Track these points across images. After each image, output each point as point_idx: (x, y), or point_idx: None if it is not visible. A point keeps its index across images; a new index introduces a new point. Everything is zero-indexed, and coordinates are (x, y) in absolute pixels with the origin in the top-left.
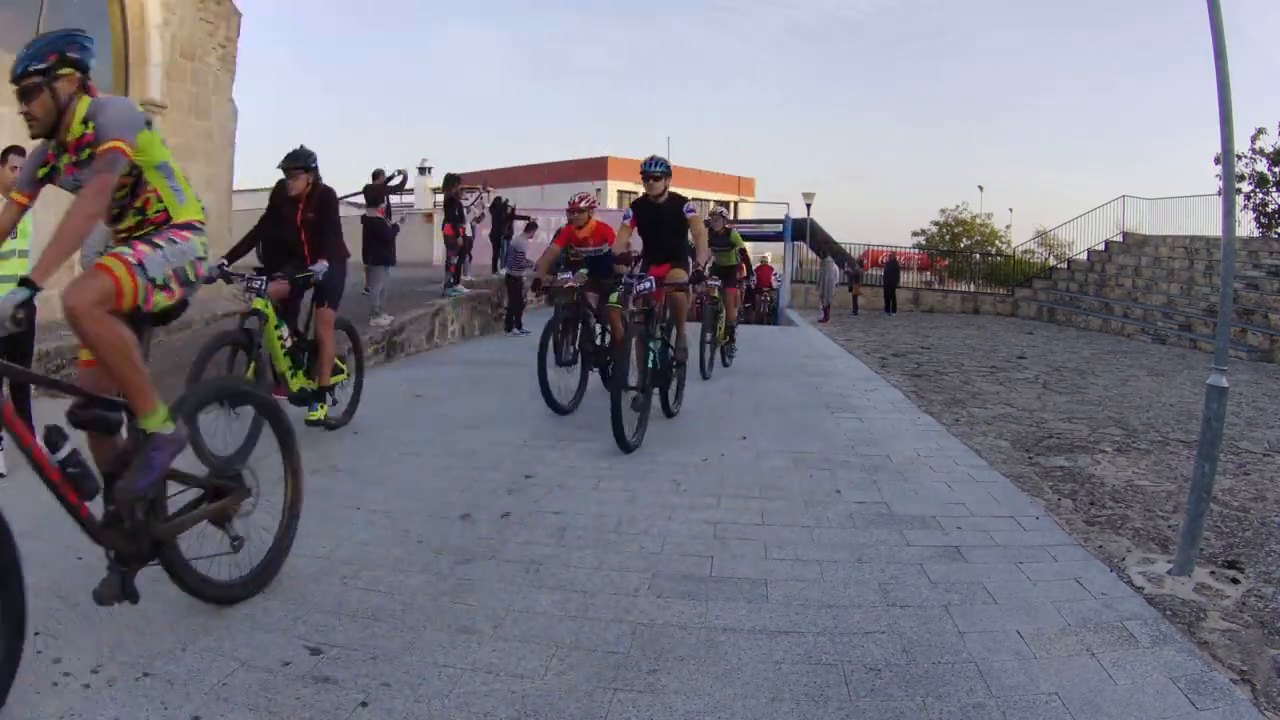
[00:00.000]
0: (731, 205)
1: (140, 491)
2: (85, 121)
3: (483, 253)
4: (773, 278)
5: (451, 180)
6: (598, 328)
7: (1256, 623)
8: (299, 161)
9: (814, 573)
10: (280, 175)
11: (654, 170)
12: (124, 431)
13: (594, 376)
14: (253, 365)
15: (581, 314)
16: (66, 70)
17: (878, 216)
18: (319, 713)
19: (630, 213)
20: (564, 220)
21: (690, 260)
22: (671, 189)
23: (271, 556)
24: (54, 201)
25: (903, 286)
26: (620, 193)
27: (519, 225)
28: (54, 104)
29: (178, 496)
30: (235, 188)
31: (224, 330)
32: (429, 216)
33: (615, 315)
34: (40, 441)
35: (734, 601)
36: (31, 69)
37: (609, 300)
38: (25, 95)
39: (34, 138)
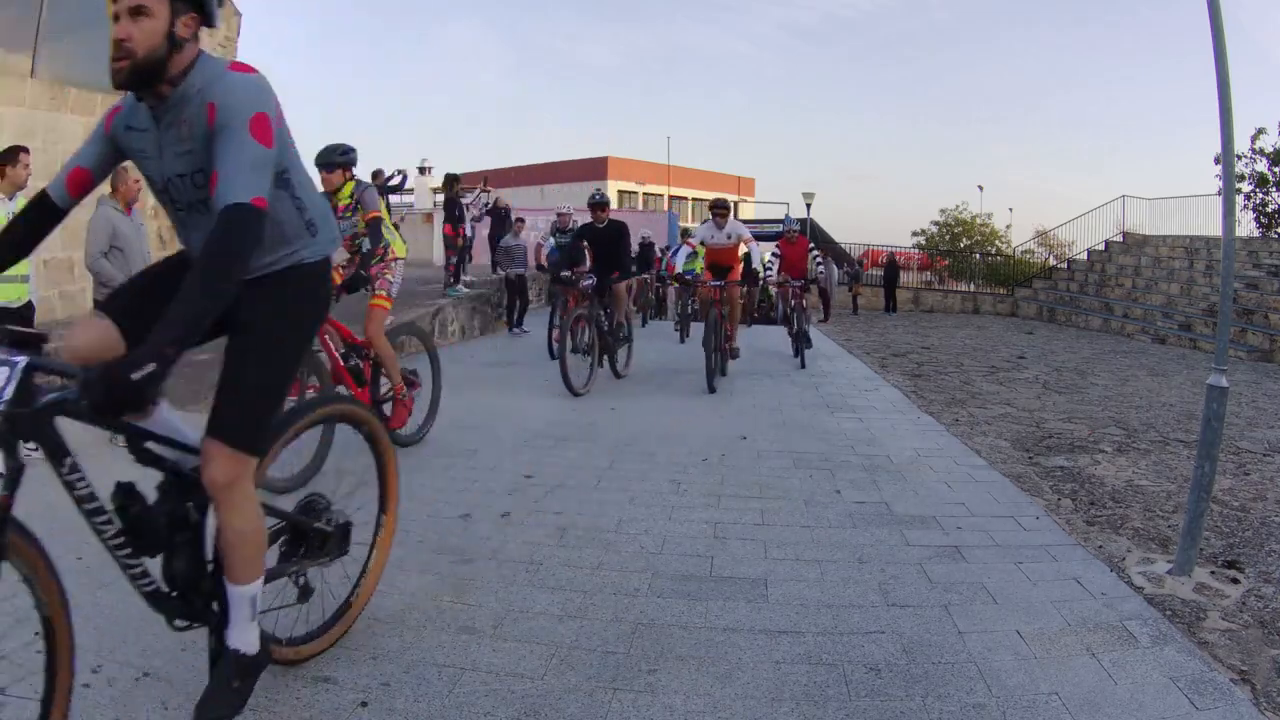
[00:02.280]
0: (732, 205)
1: None
2: None
3: (483, 253)
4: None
5: (451, 180)
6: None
7: (1256, 623)
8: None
9: (814, 573)
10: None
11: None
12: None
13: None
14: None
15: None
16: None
17: (878, 216)
18: (319, 713)
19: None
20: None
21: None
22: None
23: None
24: None
25: (903, 286)
26: (620, 193)
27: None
28: None
29: None
30: None
31: None
32: (429, 217)
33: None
34: None
35: (734, 601)
36: None
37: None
38: None
39: None
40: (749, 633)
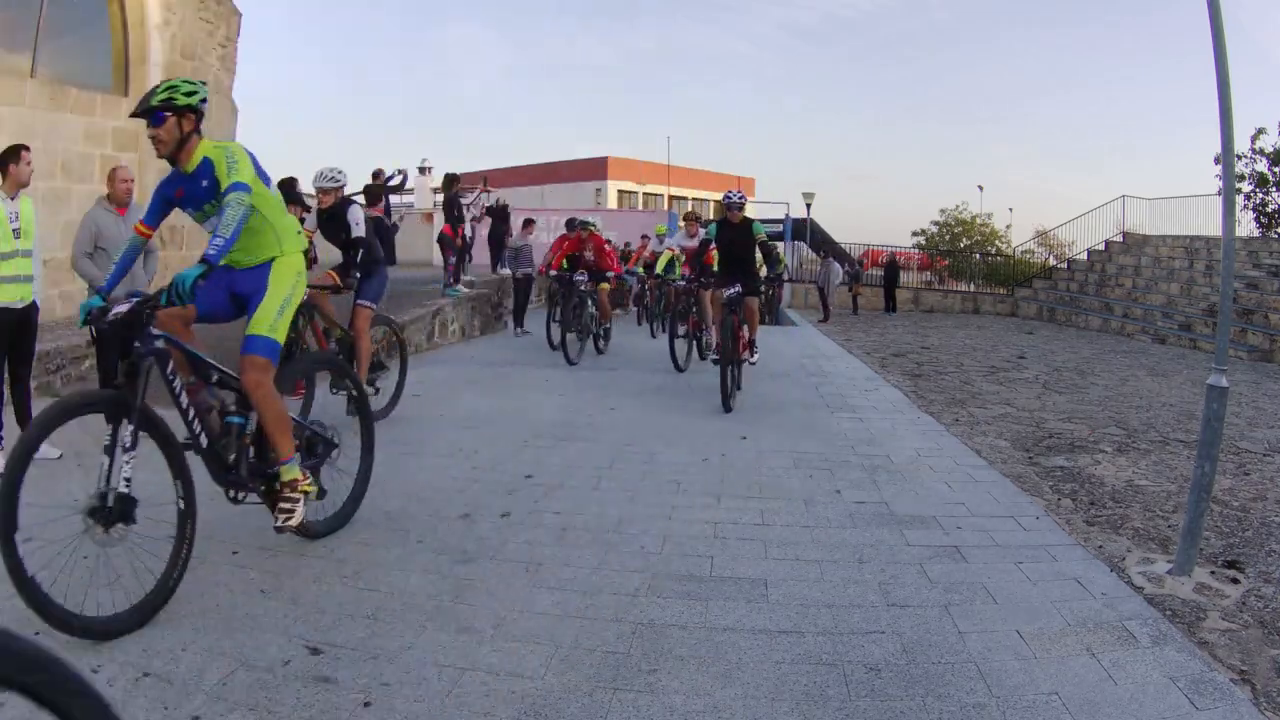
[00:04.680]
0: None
1: None
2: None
3: (482, 253)
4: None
5: (450, 180)
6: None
7: (1256, 623)
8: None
9: (814, 573)
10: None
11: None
12: None
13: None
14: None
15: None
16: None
17: (878, 216)
18: (319, 713)
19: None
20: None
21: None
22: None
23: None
24: (53, 202)
25: (903, 286)
26: (620, 193)
27: (517, 225)
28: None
29: None
30: None
31: None
32: (429, 216)
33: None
34: None
35: (734, 601)
36: None
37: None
38: None
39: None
40: (749, 633)
